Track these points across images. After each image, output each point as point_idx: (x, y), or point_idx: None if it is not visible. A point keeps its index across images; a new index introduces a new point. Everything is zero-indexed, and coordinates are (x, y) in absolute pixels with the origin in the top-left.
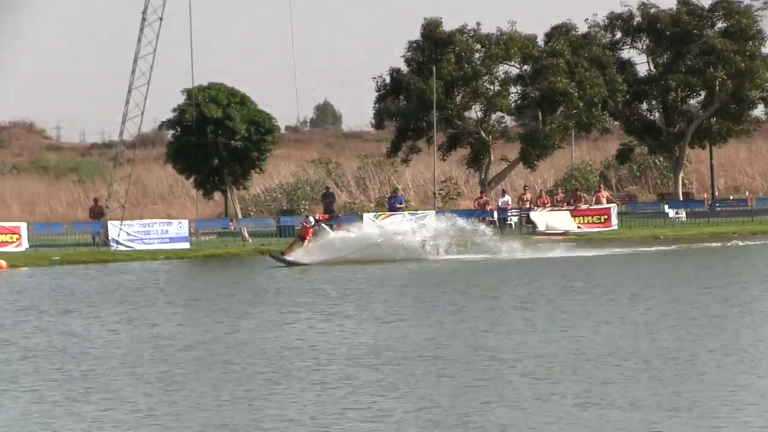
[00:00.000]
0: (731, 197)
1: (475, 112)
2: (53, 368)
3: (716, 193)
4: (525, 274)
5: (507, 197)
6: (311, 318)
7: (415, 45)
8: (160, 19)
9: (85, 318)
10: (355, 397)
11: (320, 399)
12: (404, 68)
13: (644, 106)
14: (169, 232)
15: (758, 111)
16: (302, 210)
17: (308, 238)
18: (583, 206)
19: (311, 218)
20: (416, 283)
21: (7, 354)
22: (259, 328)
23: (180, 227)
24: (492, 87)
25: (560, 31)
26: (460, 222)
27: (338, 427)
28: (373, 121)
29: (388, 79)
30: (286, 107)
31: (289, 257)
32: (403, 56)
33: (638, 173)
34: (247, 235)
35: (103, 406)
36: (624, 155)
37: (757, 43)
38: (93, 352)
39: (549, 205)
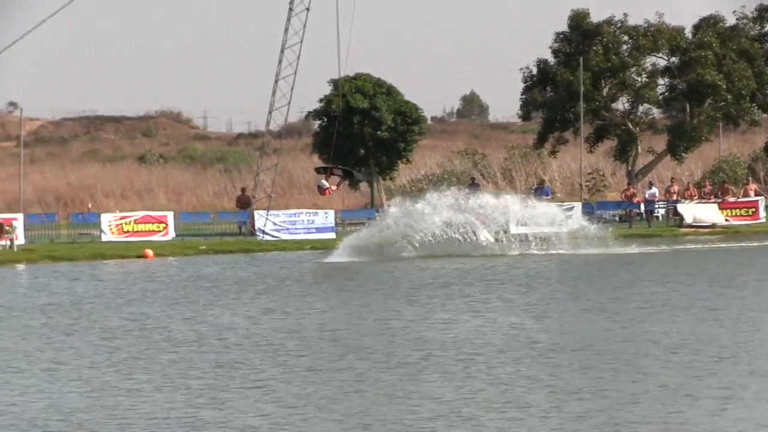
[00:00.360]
0: None
1: (622, 104)
2: (198, 357)
3: None
4: (662, 268)
5: (654, 189)
6: (451, 309)
7: (562, 36)
8: (307, 9)
9: (231, 308)
10: (496, 389)
11: (461, 390)
12: (551, 59)
13: None
14: (315, 222)
15: None
16: None
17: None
18: (731, 199)
19: (324, 182)
20: (550, 275)
21: (154, 343)
22: (400, 319)
23: (326, 217)
24: (639, 78)
25: (708, 23)
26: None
27: (480, 419)
28: (520, 112)
29: (534, 70)
30: (432, 97)
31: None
32: (551, 47)
33: None
34: None
35: (245, 394)
36: None
37: None
38: (237, 341)
39: (696, 197)
